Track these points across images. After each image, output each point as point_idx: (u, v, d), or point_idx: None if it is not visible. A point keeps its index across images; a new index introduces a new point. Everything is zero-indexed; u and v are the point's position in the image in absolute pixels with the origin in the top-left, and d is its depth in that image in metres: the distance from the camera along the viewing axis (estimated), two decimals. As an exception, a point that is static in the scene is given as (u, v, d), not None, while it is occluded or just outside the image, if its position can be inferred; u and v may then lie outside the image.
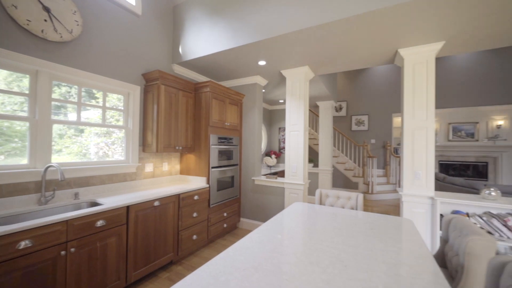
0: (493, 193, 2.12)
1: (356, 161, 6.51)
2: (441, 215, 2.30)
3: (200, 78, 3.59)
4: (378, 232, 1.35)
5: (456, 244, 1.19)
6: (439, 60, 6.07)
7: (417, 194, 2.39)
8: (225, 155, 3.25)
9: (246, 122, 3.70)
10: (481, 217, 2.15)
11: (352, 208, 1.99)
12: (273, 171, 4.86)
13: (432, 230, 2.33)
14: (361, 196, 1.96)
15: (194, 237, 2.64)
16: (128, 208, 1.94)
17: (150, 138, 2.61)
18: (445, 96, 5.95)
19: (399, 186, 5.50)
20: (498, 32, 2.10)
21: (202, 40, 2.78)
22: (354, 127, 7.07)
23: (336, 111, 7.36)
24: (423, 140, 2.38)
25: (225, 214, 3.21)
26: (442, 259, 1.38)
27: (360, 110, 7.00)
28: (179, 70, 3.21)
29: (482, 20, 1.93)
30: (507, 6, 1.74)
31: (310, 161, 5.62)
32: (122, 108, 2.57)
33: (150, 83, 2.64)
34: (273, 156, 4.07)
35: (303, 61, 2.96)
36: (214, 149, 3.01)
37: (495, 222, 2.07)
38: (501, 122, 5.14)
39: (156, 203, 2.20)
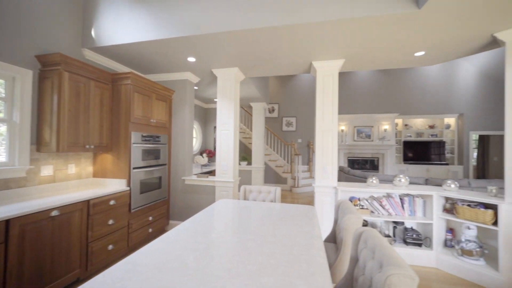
0: (374, 181, 2.75)
1: (286, 158, 7.17)
2: (342, 201, 2.83)
3: (122, 68, 3.19)
4: (286, 220, 1.55)
5: (341, 223, 1.50)
6: (350, 74, 7.35)
7: (325, 185, 2.85)
8: (152, 154, 3.01)
9: (176, 119, 3.53)
10: (367, 200, 2.76)
11: (272, 201, 2.21)
12: (206, 170, 4.81)
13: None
14: (278, 189, 2.20)
15: (110, 247, 2.35)
16: (8, 222, 1.55)
17: (49, 135, 2.15)
18: (352, 104, 7.28)
19: (319, 179, 6.36)
20: (380, 56, 2.73)
21: (122, 26, 2.48)
22: (284, 128, 7.75)
23: (269, 112, 7.89)
24: (330, 140, 2.86)
25: (150, 218, 2.98)
26: (334, 236, 1.71)
27: (289, 112, 7.73)
28: (92, 56, 2.77)
29: (367, 46, 2.46)
30: (383, 38, 2.28)
31: (244, 159, 5.84)
32: (4, 96, 2.02)
33: (49, 68, 2.18)
34: (204, 155, 4.03)
35: (233, 63, 3.05)
36: (137, 148, 2.75)
37: (375, 203, 2.70)
38: (386, 127, 6.70)
39: (55, 213, 1.84)
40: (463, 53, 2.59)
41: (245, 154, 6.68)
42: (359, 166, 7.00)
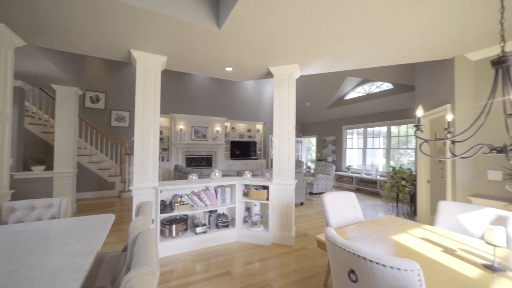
0: (194, 177, 2.98)
1: (115, 159, 6.06)
2: (162, 201, 2.77)
3: None
4: (55, 241, 1.19)
5: (130, 227, 1.41)
6: (190, 75, 7.58)
7: (145, 187, 2.65)
8: None
9: None
10: (188, 196, 2.92)
11: (54, 217, 1.65)
12: None
13: (156, 214, 2.72)
14: (66, 200, 1.69)
15: None
16: None
17: None
18: (191, 105, 7.61)
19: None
20: (199, 62, 2.97)
21: None
22: (114, 123, 6.49)
23: (92, 102, 6.25)
24: (151, 137, 2.70)
25: None
26: (133, 242, 1.58)
27: (121, 105, 6.60)
28: None
29: (186, 49, 2.59)
30: (197, 46, 2.48)
31: (40, 162, 4.13)
32: None
33: None
34: None
35: (-7, 15, 1.98)
36: None
37: (195, 197, 2.92)
38: (218, 128, 7.74)
39: None
40: (257, 76, 3.49)
41: (43, 155, 4.77)
42: (196, 164, 7.47)
